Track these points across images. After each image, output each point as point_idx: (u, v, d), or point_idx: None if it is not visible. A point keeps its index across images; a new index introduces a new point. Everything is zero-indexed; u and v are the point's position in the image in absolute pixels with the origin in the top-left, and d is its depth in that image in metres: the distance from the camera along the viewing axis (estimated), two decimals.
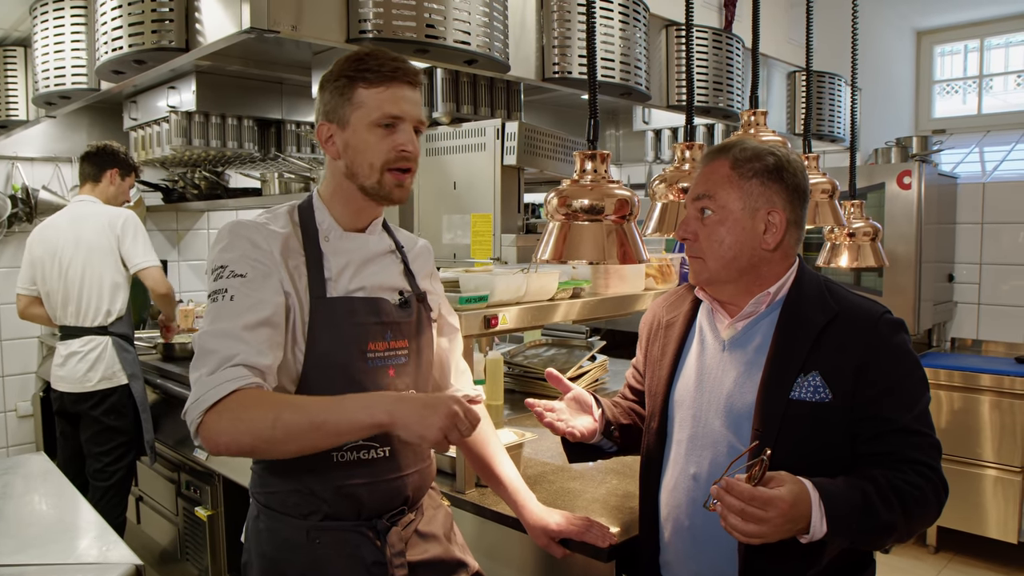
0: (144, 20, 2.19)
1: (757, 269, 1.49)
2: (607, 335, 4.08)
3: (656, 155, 4.20)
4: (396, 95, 1.45)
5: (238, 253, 1.42)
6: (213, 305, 1.39)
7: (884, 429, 1.38)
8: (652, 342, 1.71)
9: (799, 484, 1.26)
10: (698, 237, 1.51)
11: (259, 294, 1.39)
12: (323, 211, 1.53)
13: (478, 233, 2.80)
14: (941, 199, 4.55)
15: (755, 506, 1.20)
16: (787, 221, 1.47)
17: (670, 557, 1.56)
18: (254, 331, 1.36)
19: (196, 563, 3.26)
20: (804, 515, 1.24)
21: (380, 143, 1.45)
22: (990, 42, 5.24)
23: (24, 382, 4.49)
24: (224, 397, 1.29)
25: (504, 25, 2.32)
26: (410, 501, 1.55)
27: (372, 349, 1.49)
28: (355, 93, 1.44)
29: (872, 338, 1.41)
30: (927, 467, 1.37)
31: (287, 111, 3.81)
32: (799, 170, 1.50)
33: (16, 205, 4.29)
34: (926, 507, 1.36)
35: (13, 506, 1.94)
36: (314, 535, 1.46)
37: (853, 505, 1.29)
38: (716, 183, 1.49)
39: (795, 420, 1.40)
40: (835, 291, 1.50)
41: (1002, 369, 4.03)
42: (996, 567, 4.04)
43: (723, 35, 3.22)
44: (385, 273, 1.57)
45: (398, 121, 1.46)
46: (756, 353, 1.48)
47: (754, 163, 1.47)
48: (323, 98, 1.48)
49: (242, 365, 1.32)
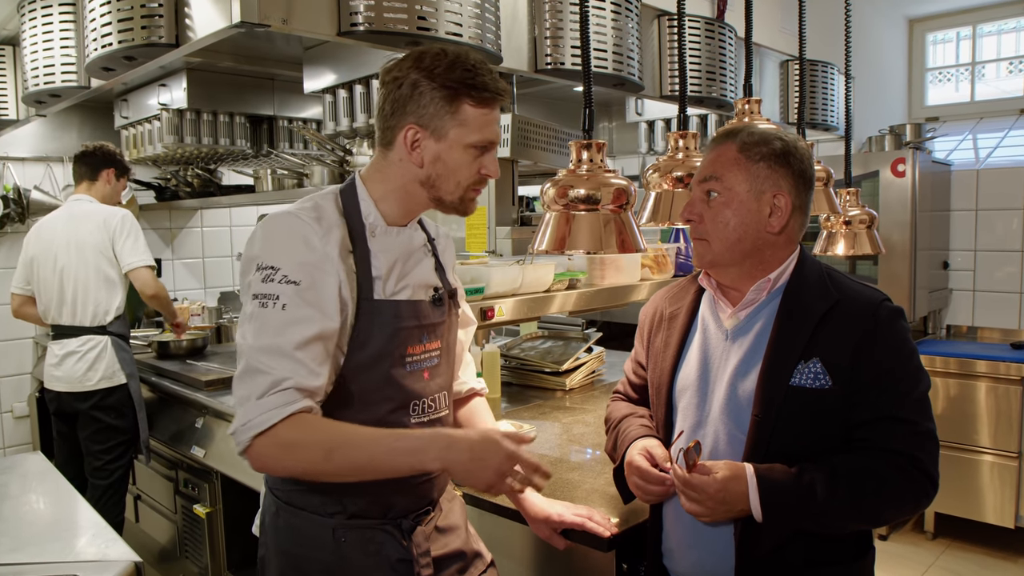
0: (133, 16, 2.18)
1: (761, 253, 1.49)
2: (603, 327, 4.08)
3: (650, 146, 4.19)
4: (495, 119, 1.43)
5: (292, 255, 1.34)
6: (261, 311, 1.32)
7: (870, 417, 1.39)
8: (655, 334, 1.70)
9: (733, 471, 1.37)
10: (703, 219, 1.51)
11: (314, 306, 1.32)
12: (369, 204, 1.45)
13: (473, 226, 2.80)
14: (935, 186, 4.55)
15: (688, 489, 1.38)
16: (792, 205, 1.48)
17: (672, 545, 1.57)
18: (307, 348, 1.30)
19: (195, 561, 3.26)
20: (740, 499, 1.36)
21: (472, 164, 1.42)
22: (982, 29, 5.24)
23: (20, 383, 4.47)
24: (274, 424, 1.27)
25: (496, 16, 2.31)
26: (434, 502, 1.55)
27: (411, 353, 1.45)
28: (461, 108, 1.38)
29: (870, 324, 1.41)
30: (903, 456, 1.36)
31: (279, 107, 3.79)
32: (805, 156, 1.51)
33: (8, 206, 4.26)
34: (891, 497, 1.36)
35: (11, 505, 1.93)
36: (340, 534, 1.43)
37: (793, 492, 1.35)
38: (723, 165, 1.49)
39: (794, 407, 1.40)
40: (836, 278, 1.50)
41: (997, 355, 4.05)
42: (993, 552, 4.06)
43: (716, 24, 3.21)
44: (421, 270, 1.52)
45: (492, 146, 1.44)
46: (757, 341, 1.48)
47: (761, 147, 1.48)
48: (417, 99, 1.38)
49: (294, 389, 1.28)
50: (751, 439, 1.42)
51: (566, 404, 2.84)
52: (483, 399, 1.81)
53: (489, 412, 1.79)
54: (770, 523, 1.37)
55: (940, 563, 3.97)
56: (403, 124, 1.40)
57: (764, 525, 1.37)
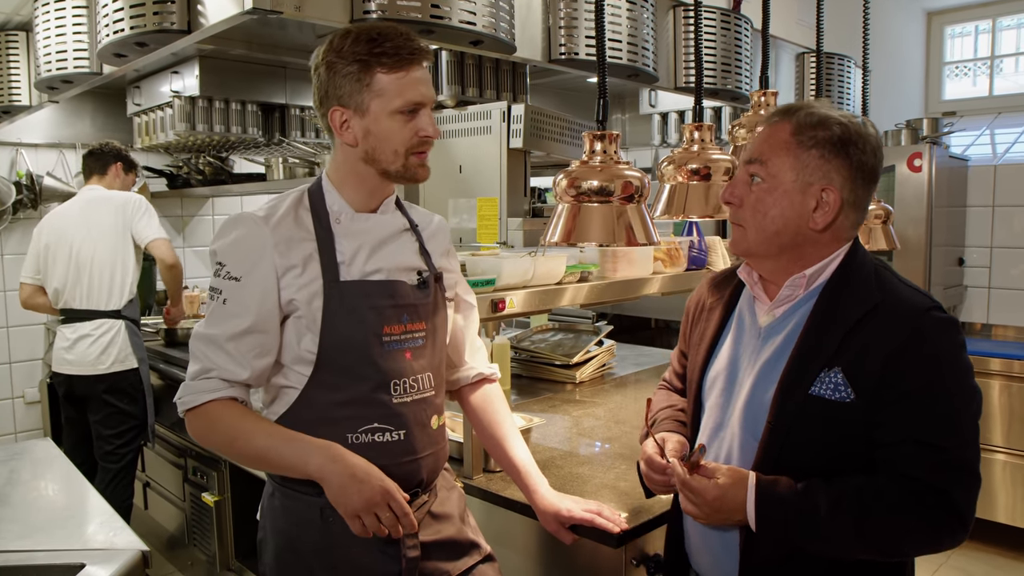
0: (146, 2, 2.17)
1: (800, 249, 1.36)
2: (614, 320, 4.06)
3: (663, 139, 4.16)
4: (415, 79, 1.43)
5: (236, 252, 1.44)
6: (211, 303, 1.46)
7: (893, 439, 1.26)
8: (695, 324, 1.61)
9: (735, 478, 1.30)
10: (743, 203, 1.38)
11: (249, 301, 1.42)
12: (333, 194, 1.51)
13: (484, 217, 2.78)
14: (952, 182, 4.50)
15: (686, 490, 1.33)
16: (842, 201, 1.33)
17: (692, 544, 1.52)
18: (239, 341, 1.42)
19: (203, 549, 3.27)
20: (738, 507, 1.30)
21: (403, 130, 1.44)
22: (1001, 23, 5.17)
23: (31, 368, 4.50)
24: (198, 406, 1.42)
25: (510, 5, 2.29)
26: (424, 483, 1.54)
27: (388, 332, 1.47)
28: (374, 79, 1.40)
29: (911, 334, 1.26)
30: (931, 490, 1.22)
31: (291, 95, 3.78)
32: (870, 146, 1.34)
33: (21, 192, 4.28)
34: (903, 528, 1.24)
35: (21, 492, 1.94)
36: (327, 513, 1.45)
37: (793, 508, 1.27)
38: (772, 147, 1.35)
39: (812, 418, 1.29)
40: (884, 279, 1.36)
41: (1012, 353, 4.00)
42: (1005, 552, 4.03)
43: (731, 15, 3.18)
44: (401, 253, 1.54)
45: (419, 107, 1.44)
46: (786, 342, 1.37)
47: (818, 131, 1.32)
48: (334, 81, 1.42)
49: (219, 378, 1.42)
50: (762, 447, 1.33)
51: (576, 397, 2.83)
52: (496, 386, 1.79)
53: (503, 400, 1.78)
54: (765, 535, 1.30)
55: (951, 562, 3.94)
56: (330, 109, 1.45)
57: (759, 537, 1.31)
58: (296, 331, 1.45)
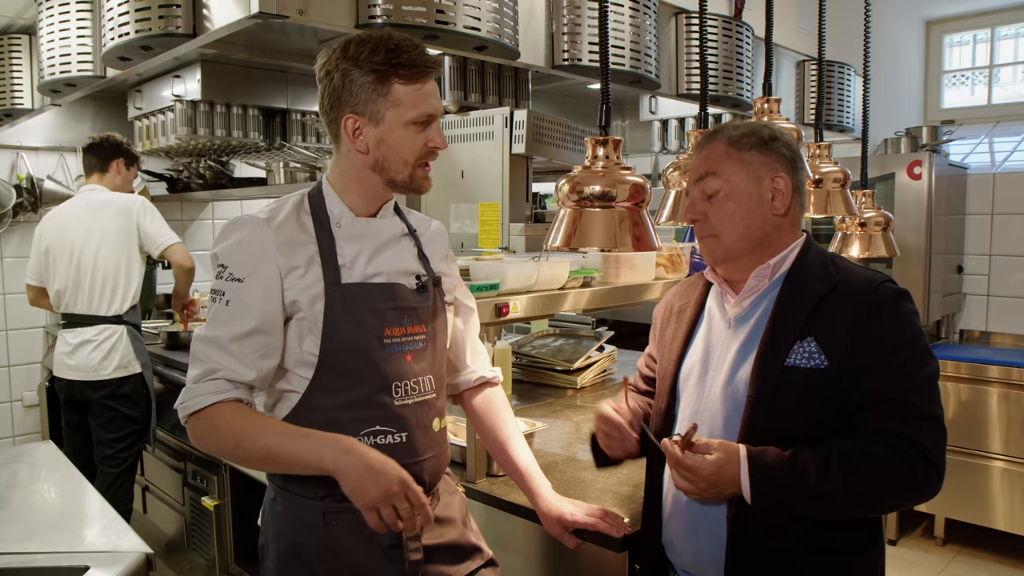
0: (151, 5, 2.17)
1: (770, 238, 1.50)
2: (614, 325, 4.06)
3: (663, 145, 4.17)
4: (429, 92, 1.46)
5: (239, 254, 1.44)
6: (213, 305, 1.45)
7: (868, 399, 1.37)
8: (665, 328, 1.71)
9: (728, 453, 1.37)
10: (708, 216, 1.51)
11: (253, 301, 1.42)
12: (334, 198, 1.52)
13: (486, 222, 2.78)
14: (951, 190, 4.51)
15: (681, 468, 1.39)
16: (792, 186, 1.49)
17: (672, 536, 1.56)
18: (243, 342, 1.41)
19: (203, 553, 3.26)
20: (731, 481, 1.37)
21: (415, 140, 1.46)
22: (1000, 32, 5.20)
23: (30, 372, 4.49)
24: (203, 408, 1.40)
25: (514, 11, 2.30)
26: (427, 486, 1.54)
27: (389, 335, 1.48)
28: (391, 89, 1.42)
29: (870, 304, 1.40)
30: (904, 440, 1.34)
31: (292, 100, 3.79)
32: (792, 140, 1.53)
33: (21, 195, 4.28)
34: (887, 482, 1.34)
35: (21, 494, 1.93)
36: (330, 517, 1.46)
37: (784, 474, 1.35)
38: (717, 159, 1.51)
39: (789, 387, 1.40)
40: (838, 263, 1.50)
41: (1011, 360, 4.01)
42: (1004, 559, 4.03)
43: (733, 23, 3.19)
44: (401, 257, 1.56)
45: (432, 119, 1.47)
46: (757, 326, 1.49)
47: (748, 138, 1.50)
48: (349, 89, 1.43)
49: (224, 379, 1.41)
50: (746, 420, 1.42)
51: (576, 403, 2.83)
52: (498, 389, 1.80)
53: (506, 403, 1.78)
54: (760, 505, 1.37)
55: (950, 569, 3.94)
56: (342, 115, 1.45)
57: (755, 507, 1.37)
58: (298, 333, 1.46)
